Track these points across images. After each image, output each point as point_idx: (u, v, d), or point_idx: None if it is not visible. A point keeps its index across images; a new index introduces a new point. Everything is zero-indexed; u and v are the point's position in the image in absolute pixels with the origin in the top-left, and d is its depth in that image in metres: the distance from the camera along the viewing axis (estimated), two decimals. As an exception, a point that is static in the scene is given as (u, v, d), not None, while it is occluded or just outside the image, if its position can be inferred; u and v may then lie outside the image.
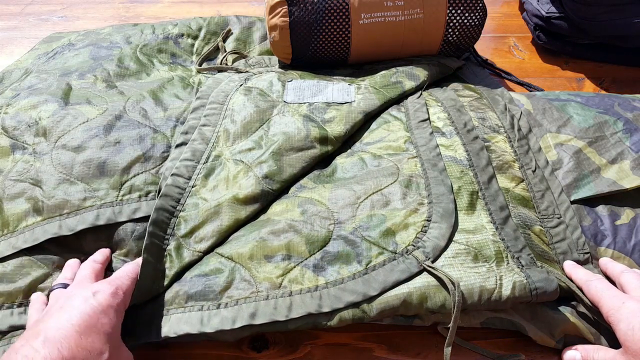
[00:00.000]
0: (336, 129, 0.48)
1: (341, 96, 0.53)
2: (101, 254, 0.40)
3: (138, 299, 0.36)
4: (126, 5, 0.87)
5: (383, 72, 0.58)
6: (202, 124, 0.49)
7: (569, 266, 0.40)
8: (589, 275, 0.38)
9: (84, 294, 0.32)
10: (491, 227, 0.40)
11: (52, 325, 0.30)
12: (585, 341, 0.37)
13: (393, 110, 0.52)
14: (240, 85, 0.54)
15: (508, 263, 0.38)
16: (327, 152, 0.47)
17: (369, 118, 0.52)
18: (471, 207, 0.42)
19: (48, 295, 0.38)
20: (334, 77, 0.58)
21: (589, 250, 0.41)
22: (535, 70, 0.71)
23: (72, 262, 0.40)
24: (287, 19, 0.57)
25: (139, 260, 0.38)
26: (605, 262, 0.40)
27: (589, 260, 0.41)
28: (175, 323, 0.35)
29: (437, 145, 0.47)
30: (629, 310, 0.32)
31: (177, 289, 0.37)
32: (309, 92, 0.53)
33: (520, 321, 0.37)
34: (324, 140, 0.47)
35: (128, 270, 0.37)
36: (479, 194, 0.43)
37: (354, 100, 0.52)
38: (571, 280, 0.38)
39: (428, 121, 0.50)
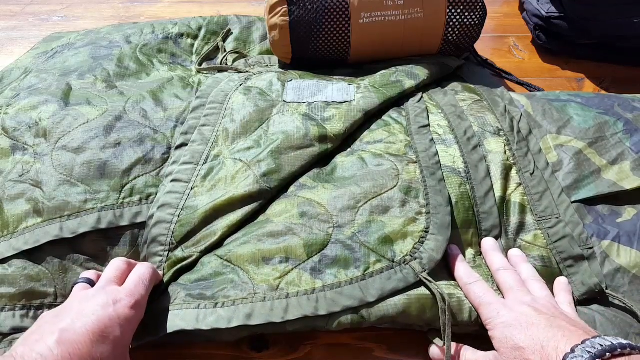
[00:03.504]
0: (336, 127, 0.48)
1: (341, 95, 0.53)
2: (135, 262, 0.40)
3: None
4: (126, 5, 0.87)
5: (383, 71, 0.57)
6: (201, 124, 0.49)
7: (457, 266, 0.39)
8: (468, 277, 0.38)
9: (105, 301, 0.32)
10: (478, 249, 0.41)
11: (68, 327, 0.30)
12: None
13: (394, 113, 0.52)
14: (240, 85, 0.54)
15: None
16: (326, 151, 0.47)
17: (369, 117, 0.52)
18: (466, 224, 0.42)
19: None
20: (334, 77, 0.58)
21: (592, 246, 0.41)
22: (535, 70, 0.71)
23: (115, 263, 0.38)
24: (287, 19, 0.57)
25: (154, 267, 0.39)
26: (486, 251, 0.41)
27: (593, 256, 0.40)
28: (172, 319, 0.35)
29: (437, 153, 0.46)
30: (502, 321, 0.33)
31: (178, 292, 0.37)
32: (308, 91, 0.53)
33: None
34: (323, 138, 0.47)
35: (144, 277, 0.36)
36: (474, 209, 0.43)
37: (354, 99, 0.52)
38: (455, 274, 0.39)
39: (428, 127, 0.50)
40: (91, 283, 0.36)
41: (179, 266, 0.39)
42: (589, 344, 0.28)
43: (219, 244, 0.41)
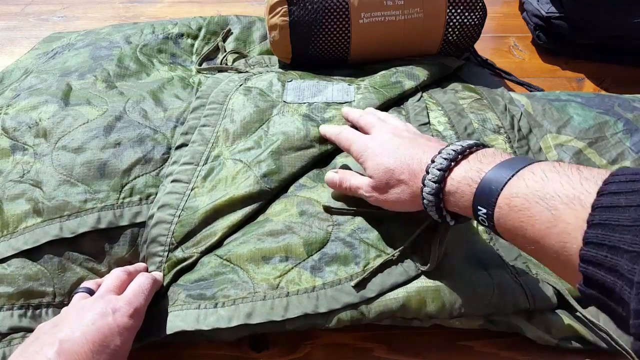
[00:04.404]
0: None
1: (341, 96, 0.53)
2: (135, 268, 0.40)
3: None
4: (126, 5, 0.87)
5: (383, 72, 0.57)
6: (202, 124, 0.49)
7: (322, 128, 0.45)
8: (338, 129, 0.43)
9: (104, 309, 0.32)
10: (486, 236, 0.41)
11: (68, 337, 0.30)
12: (584, 341, 0.37)
13: (393, 113, 0.52)
14: (240, 85, 0.54)
15: (504, 271, 0.38)
16: (326, 152, 0.47)
17: None
18: None
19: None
20: (334, 78, 0.58)
21: None
22: (535, 70, 0.71)
23: (114, 273, 0.38)
24: (287, 19, 0.57)
25: (155, 274, 0.39)
26: (346, 111, 0.46)
27: None
28: (172, 320, 0.36)
29: None
30: (372, 152, 0.37)
31: (178, 293, 0.37)
32: (308, 92, 0.53)
33: (518, 323, 0.37)
34: (323, 139, 0.47)
35: (144, 286, 0.36)
36: None
37: (354, 100, 0.52)
38: (326, 137, 0.45)
39: (428, 125, 0.50)
40: (91, 292, 0.36)
41: (179, 267, 0.40)
42: (444, 153, 0.32)
43: (219, 243, 0.41)
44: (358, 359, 0.38)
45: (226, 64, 0.63)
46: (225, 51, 0.64)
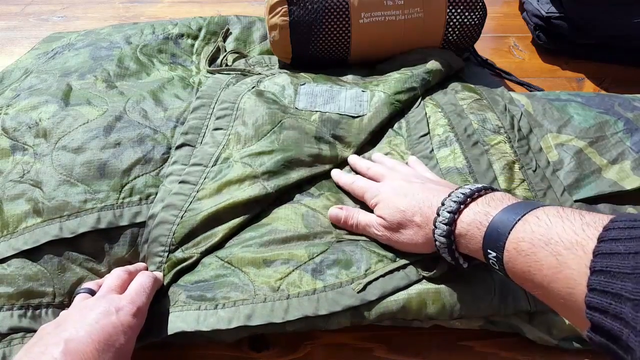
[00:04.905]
0: (345, 153, 0.49)
1: (353, 107, 0.52)
2: (135, 267, 0.40)
3: None
4: (126, 5, 0.87)
5: (397, 75, 0.56)
6: (213, 127, 0.49)
7: (335, 175, 0.46)
8: (350, 179, 0.44)
9: (107, 308, 0.32)
10: None
11: (72, 336, 0.30)
12: (585, 341, 0.37)
13: (395, 123, 0.52)
14: (253, 88, 0.53)
15: None
16: (334, 167, 0.48)
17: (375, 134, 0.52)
18: None
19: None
20: (347, 82, 0.57)
21: None
22: (535, 70, 0.71)
23: (113, 273, 0.38)
24: (287, 19, 0.57)
25: (156, 273, 0.39)
26: (354, 160, 0.47)
27: None
28: (173, 321, 0.36)
29: (437, 163, 0.47)
30: (384, 196, 0.39)
31: (179, 293, 0.37)
32: (321, 98, 0.53)
33: (519, 324, 0.37)
34: (333, 159, 0.48)
35: (146, 285, 0.36)
36: None
37: (365, 115, 0.51)
38: (339, 186, 0.45)
39: (428, 135, 0.50)
40: (92, 293, 0.36)
41: (179, 267, 0.39)
42: (453, 196, 0.34)
43: (219, 244, 0.41)
44: (358, 359, 0.38)
45: (226, 64, 0.62)
46: (225, 51, 0.64)
